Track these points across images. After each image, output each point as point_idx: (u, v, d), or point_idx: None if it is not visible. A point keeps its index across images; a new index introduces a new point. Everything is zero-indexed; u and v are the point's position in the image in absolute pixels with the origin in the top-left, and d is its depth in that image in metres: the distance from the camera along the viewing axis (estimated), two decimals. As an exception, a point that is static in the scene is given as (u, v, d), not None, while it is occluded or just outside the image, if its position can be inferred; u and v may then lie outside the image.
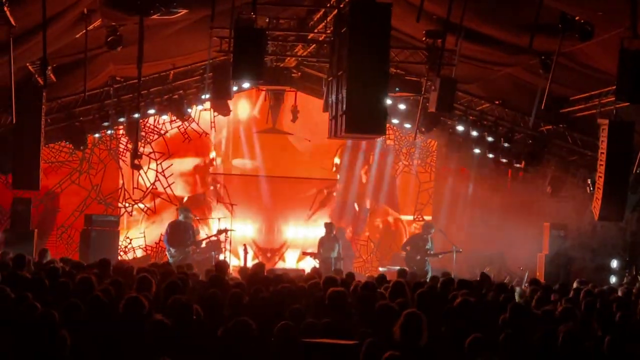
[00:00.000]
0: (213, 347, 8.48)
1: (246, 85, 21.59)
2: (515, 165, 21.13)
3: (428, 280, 14.91)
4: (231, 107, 21.34)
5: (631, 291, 13.88)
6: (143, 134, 23.11)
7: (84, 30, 15.00)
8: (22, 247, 17.94)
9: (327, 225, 21.54)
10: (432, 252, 21.14)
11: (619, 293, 13.52)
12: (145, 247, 23.77)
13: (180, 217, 21.02)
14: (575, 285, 14.47)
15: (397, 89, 19.37)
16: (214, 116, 22.96)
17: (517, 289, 15.26)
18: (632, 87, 12.88)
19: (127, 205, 23.66)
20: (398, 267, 18.50)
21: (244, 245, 20.81)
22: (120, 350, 8.40)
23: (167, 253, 20.71)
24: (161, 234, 21.91)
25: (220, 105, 20.56)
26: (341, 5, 14.10)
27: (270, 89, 23.03)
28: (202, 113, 23.48)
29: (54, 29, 14.09)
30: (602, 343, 8.60)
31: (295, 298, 10.54)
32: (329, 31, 17.09)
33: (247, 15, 14.15)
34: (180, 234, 20.53)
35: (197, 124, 23.80)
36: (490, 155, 21.53)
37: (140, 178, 23.64)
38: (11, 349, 7.82)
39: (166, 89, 21.25)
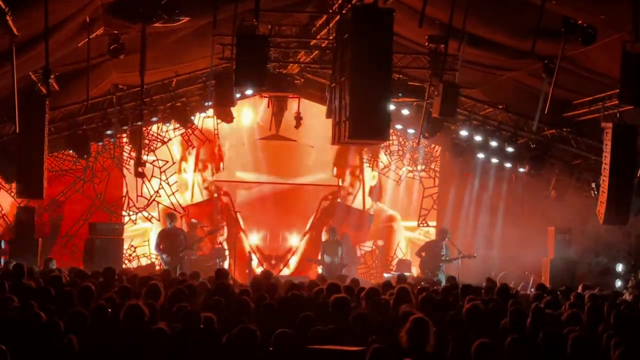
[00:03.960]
0: (217, 355, 8.45)
1: (249, 92, 21.59)
2: (519, 169, 21.12)
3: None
4: (234, 114, 21.32)
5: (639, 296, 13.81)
6: (146, 141, 23.10)
7: (87, 39, 15.02)
8: (27, 256, 17.95)
9: (329, 229, 21.48)
10: (447, 259, 20.98)
11: (626, 297, 13.45)
12: (150, 255, 23.72)
13: (168, 224, 20.98)
14: (580, 289, 14.42)
15: (400, 94, 19.37)
16: (217, 123, 22.93)
17: (523, 293, 15.24)
18: (635, 90, 12.91)
19: (131, 213, 23.61)
20: (398, 273, 18.46)
21: (249, 252, 20.77)
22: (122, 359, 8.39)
23: (160, 260, 20.69)
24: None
25: (224, 112, 20.53)
26: (343, 11, 14.08)
27: (273, 95, 23.01)
28: (205, 120, 23.48)
29: (57, 38, 14.10)
30: (610, 349, 8.50)
31: (302, 305, 10.48)
32: (331, 37, 17.08)
33: (249, 22, 14.16)
34: (170, 240, 20.51)
35: (201, 131, 23.78)
36: (494, 160, 21.54)
37: (144, 186, 23.61)
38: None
39: (169, 97, 21.27)
